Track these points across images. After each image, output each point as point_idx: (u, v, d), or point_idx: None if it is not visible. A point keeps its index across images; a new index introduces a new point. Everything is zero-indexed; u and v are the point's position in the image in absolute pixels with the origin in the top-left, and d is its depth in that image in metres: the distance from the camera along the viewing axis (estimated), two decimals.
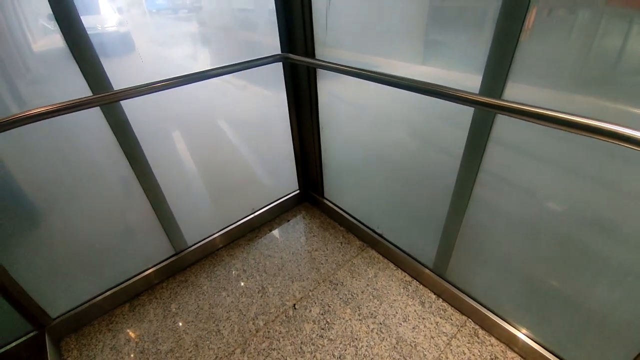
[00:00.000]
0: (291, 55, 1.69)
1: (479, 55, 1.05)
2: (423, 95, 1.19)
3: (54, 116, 1.14)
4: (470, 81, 1.11)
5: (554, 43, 0.93)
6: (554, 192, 1.08)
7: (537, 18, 0.93)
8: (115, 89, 1.30)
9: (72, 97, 1.18)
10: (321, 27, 1.59)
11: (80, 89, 1.24)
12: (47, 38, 1.20)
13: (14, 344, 1.45)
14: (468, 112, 1.16)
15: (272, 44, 1.78)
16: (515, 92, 1.02)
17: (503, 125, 1.10)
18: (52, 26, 1.16)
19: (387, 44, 1.37)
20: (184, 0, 1.57)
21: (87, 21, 1.22)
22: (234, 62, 1.54)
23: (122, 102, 1.37)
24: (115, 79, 1.32)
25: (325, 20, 1.54)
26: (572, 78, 0.93)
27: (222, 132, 1.85)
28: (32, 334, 1.49)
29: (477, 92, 1.10)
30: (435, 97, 1.12)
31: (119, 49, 1.38)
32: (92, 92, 1.28)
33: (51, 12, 1.14)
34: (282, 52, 1.74)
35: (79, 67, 1.22)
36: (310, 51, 1.67)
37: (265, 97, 1.96)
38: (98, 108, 1.31)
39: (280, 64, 1.81)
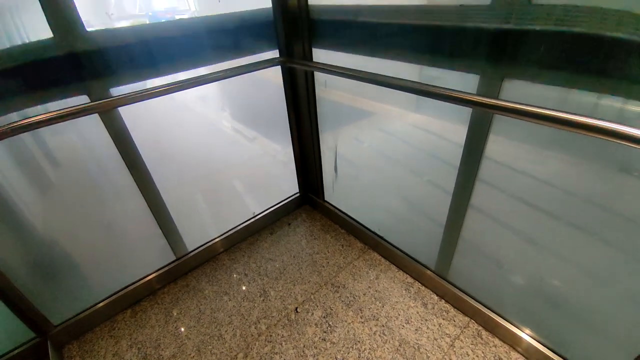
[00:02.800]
0: (289, 59, 1.70)
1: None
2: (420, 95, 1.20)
3: (52, 124, 1.14)
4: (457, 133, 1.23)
5: None
6: (558, 187, 1.07)
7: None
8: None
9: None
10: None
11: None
12: None
13: (16, 351, 1.45)
14: (467, 111, 1.16)
15: (277, 81, 1.82)
16: (497, 147, 1.14)
17: (502, 123, 1.10)
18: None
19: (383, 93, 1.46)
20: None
21: None
22: (234, 67, 1.55)
23: (121, 111, 1.37)
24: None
25: None
26: None
27: (221, 136, 1.85)
28: (34, 341, 1.49)
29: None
30: (431, 97, 1.13)
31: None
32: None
33: None
34: (280, 56, 1.75)
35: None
36: (308, 55, 1.67)
37: (264, 101, 1.96)
38: (97, 117, 1.31)
39: (279, 67, 1.81)
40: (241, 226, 2.09)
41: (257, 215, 2.16)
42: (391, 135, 1.60)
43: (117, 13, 1.36)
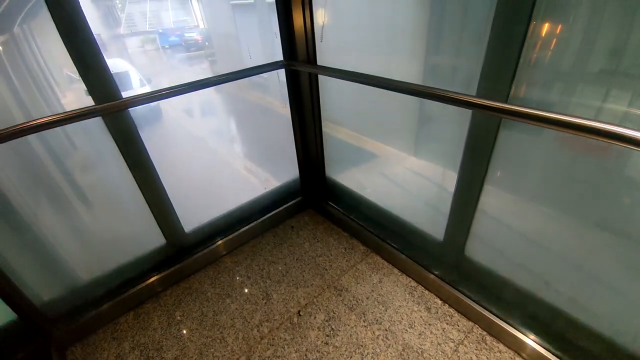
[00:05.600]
0: (293, 63, 1.71)
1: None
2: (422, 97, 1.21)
3: (58, 125, 1.15)
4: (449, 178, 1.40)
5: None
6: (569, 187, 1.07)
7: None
8: None
9: None
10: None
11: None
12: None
13: (19, 353, 1.45)
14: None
15: (282, 116, 1.97)
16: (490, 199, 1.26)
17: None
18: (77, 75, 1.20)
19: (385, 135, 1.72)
20: (194, 39, 1.62)
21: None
22: (238, 69, 1.56)
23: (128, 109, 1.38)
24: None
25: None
26: None
27: (226, 139, 1.86)
28: (37, 343, 1.48)
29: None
30: (434, 100, 1.13)
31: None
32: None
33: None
34: (284, 59, 1.75)
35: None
36: (311, 58, 1.68)
37: (269, 104, 1.98)
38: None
39: (283, 70, 1.82)
40: (244, 228, 2.09)
41: (260, 218, 2.16)
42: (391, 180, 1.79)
43: (129, 29, 1.39)
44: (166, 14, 1.50)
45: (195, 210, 1.83)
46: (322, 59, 1.65)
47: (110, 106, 1.23)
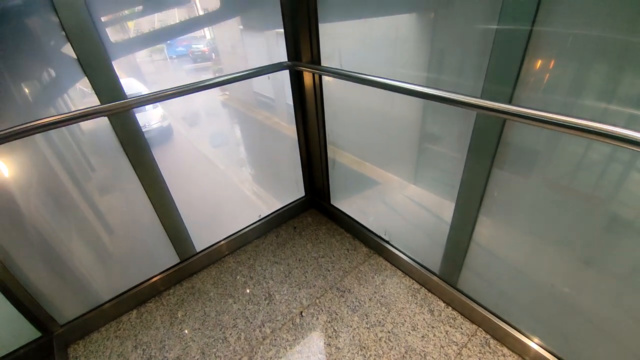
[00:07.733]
0: (297, 63, 1.71)
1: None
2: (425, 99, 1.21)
3: (63, 125, 1.16)
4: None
5: None
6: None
7: None
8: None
9: None
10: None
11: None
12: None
13: (22, 350, 1.45)
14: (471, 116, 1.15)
15: (288, 133, 2.03)
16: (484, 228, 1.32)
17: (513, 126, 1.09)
18: (90, 90, 1.22)
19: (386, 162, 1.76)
20: (201, 50, 1.63)
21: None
22: (244, 70, 1.56)
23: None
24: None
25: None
26: None
27: (230, 140, 1.86)
28: (40, 341, 1.49)
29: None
30: (437, 101, 1.12)
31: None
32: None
33: None
34: (288, 60, 1.75)
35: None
36: (316, 59, 1.68)
37: (275, 124, 2.00)
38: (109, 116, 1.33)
39: (287, 71, 1.82)
40: (247, 229, 2.09)
41: (263, 218, 2.16)
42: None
43: (138, 39, 1.40)
44: (174, 23, 1.51)
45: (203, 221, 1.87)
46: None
47: (115, 106, 1.23)
